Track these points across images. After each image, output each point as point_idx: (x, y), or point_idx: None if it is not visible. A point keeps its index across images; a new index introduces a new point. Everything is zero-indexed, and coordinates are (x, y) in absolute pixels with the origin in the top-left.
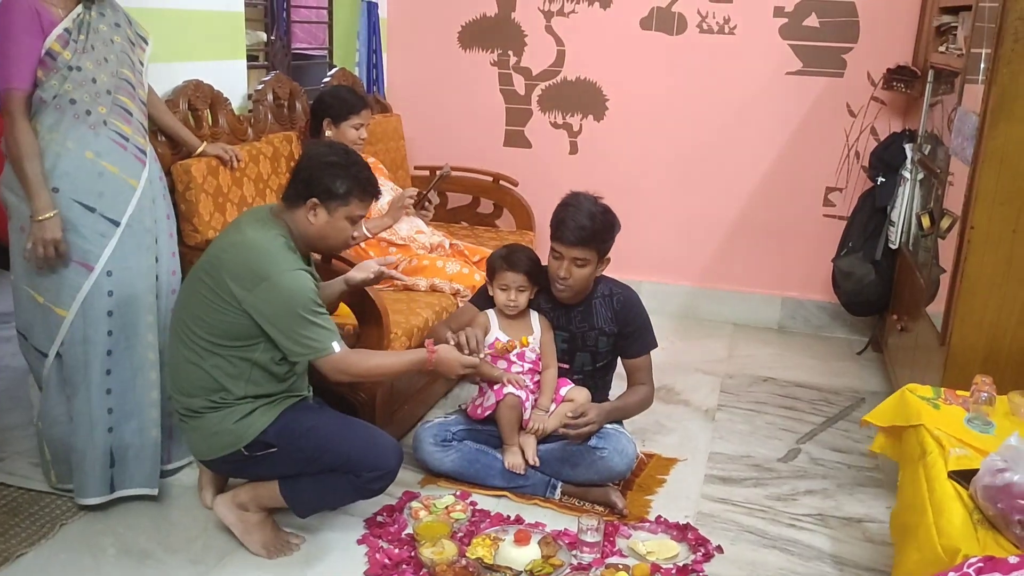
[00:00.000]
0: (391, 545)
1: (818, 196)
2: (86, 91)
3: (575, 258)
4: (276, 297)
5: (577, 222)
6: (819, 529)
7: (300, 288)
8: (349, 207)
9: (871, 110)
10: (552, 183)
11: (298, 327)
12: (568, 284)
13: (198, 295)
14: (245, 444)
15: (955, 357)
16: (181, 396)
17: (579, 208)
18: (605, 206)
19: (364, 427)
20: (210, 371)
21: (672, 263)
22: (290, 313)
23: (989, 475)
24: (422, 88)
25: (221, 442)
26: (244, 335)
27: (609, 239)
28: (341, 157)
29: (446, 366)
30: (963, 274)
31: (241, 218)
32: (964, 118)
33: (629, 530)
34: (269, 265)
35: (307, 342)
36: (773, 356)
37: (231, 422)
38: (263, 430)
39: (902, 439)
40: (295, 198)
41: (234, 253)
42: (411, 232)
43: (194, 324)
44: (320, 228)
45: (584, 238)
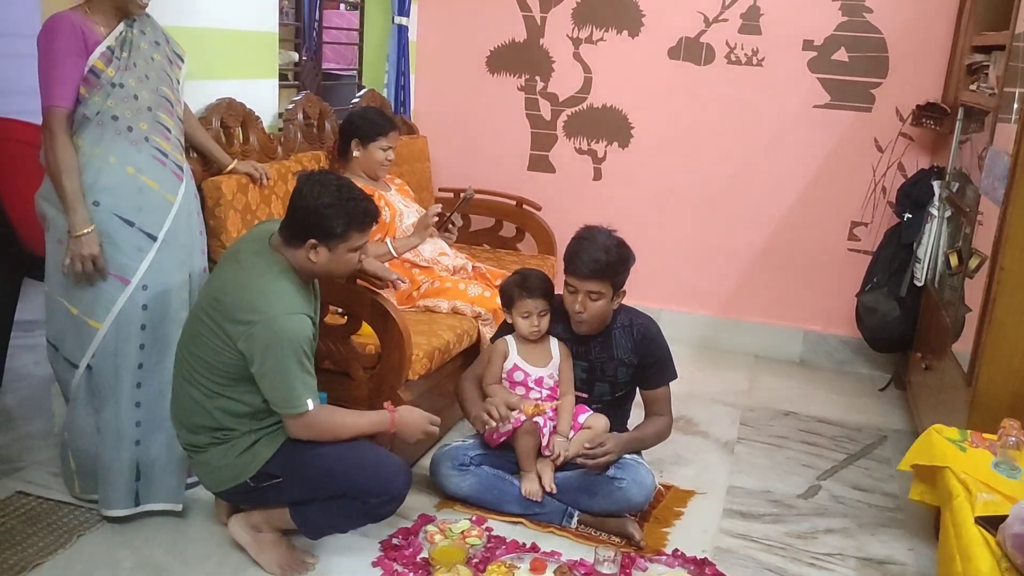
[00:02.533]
0: (406, 568)
1: (843, 230)
2: (128, 107)
3: (589, 291)
4: (267, 338)
5: (591, 255)
6: (840, 569)
7: (295, 334)
8: (349, 241)
9: (899, 146)
10: (575, 208)
11: (282, 374)
12: (583, 318)
13: (200, 336)
14: (250, 476)
15: (981, 398)
16: (185, 432)
17: (593, 241)
18: (619, 239)
19: (369, 451)
20: (213, 412)
21: (693, 292)
22: (278, 357)
23: (1018, 523)
24: (449, 111)
25: (226, 475)
26: (247, 376)
27: (624, 272)
28: (333, 196)
29: (409, 428)
30: (992, 316)
31: (240, 249)
32: (996, 158)
33: (646, 563)
34: (266, 306)
35: (286, 393)
36: (794, 390)
37: (234, 456)
38: (267, 461)
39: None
40: (293, 238)
41: (233, 294)
42: (435, 254)
43: (197, 364)
44: (324, 265)
45: (597, 271)
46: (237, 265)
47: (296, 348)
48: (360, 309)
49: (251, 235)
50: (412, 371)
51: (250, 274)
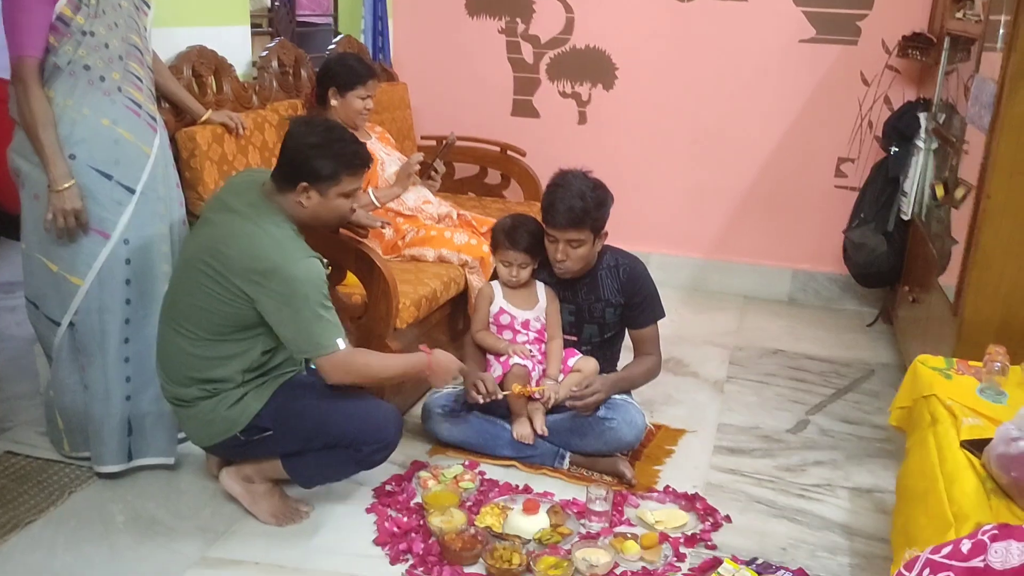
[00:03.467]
0: (400, 514)
1: (830, 167)
2: (99, 56)
3: (569, 240)
4: (287, 288)
5: (567, 204)
6: (828, 499)
7: (312, 278)
8: (340, 185)
9: (885, 79)
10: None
11: (306, 321)
12: (566, 266)
13: (198, 284)
14: (240, 430)
15: (968, 328)
16: (172, 385)
17: (568, 188)
18: (595, 181)
19: (360, 400)
20: (203, 363)
21: (682, 235)
22: (300, 305)
23: (1003, 444)
24: (429, 56)
25: (216, 430)
26: (251, 324)
27: (602, 215)
28: (323, 136)
29: (442, 370)
30: (978, 244)
31: (230, 200)
32: (982, 85)
33: (637, 500)
34: (278, 255)
35: (314, 338)
36: (783, 328)
37: (223, 409)
38: (257, 413)
39: (912, 408)
40: (284, 182)
41: (239, 247)
42: (418, 203)
43: (194, 313)
44: (314, 209)
45: (575, 220)
46: (235, 215)
47: (317, 290)
48: (344, 259)
49: (238, 184)
50: (400, 320)
51: (255, 224)
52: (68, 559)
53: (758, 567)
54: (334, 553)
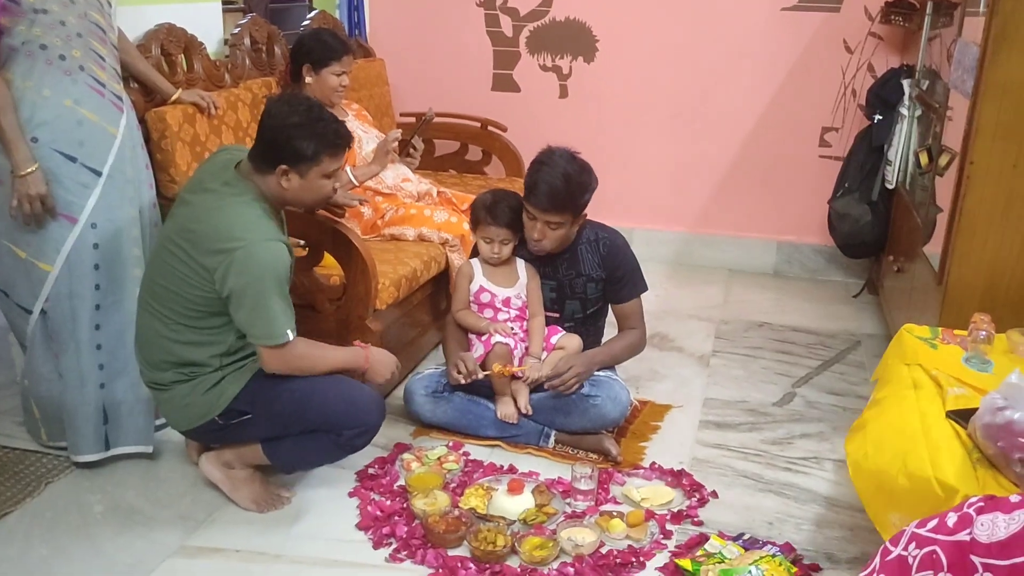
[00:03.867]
0: (383, 497)
1: (814, 136)
2: (56, 35)
3: (548, 221)
4: (247, 269)
5: (550, 185)
6: (815, 472)
7: (274, 263)
8: (321, 166)
9: (868, 46)
10: (542, 128)
11: (261, 306)
12: (542, 246)
13: (169, 267)
14: (218, 413)
15: (952, 296)
16: (150, 369)
17: (553, 169)
18: (582, 164)
19: (341, 383)
20: (180, 347)
21: (666, 208)
22: (257, 288)
23: (989, 414)
24: (406, 31)
25: (193, 413)
26: (221, 310)
27: (584, 199)
28: (303, 115)
29: (379, 366)
30: (962, 211)
31: (205, 179)
32: (964, 49)
33: (623, 477)
34: (244, 232)
35: (266, 325)
36: (769, 301)
37: (200, 393)
38: (235, 397)
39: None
40: (263, 163)
41: (207, 224)
42: (397, 181)
43: (166, 297)
44: (295, 192)
45: (557, 203)
46: (208, 194)
47: (276, 276)
48: (321, 240)
49: (214, 163)
50: (379, 300)
51: (224, 201)
52: (45, 551)
53: (745, 543)
54: (316, 538)
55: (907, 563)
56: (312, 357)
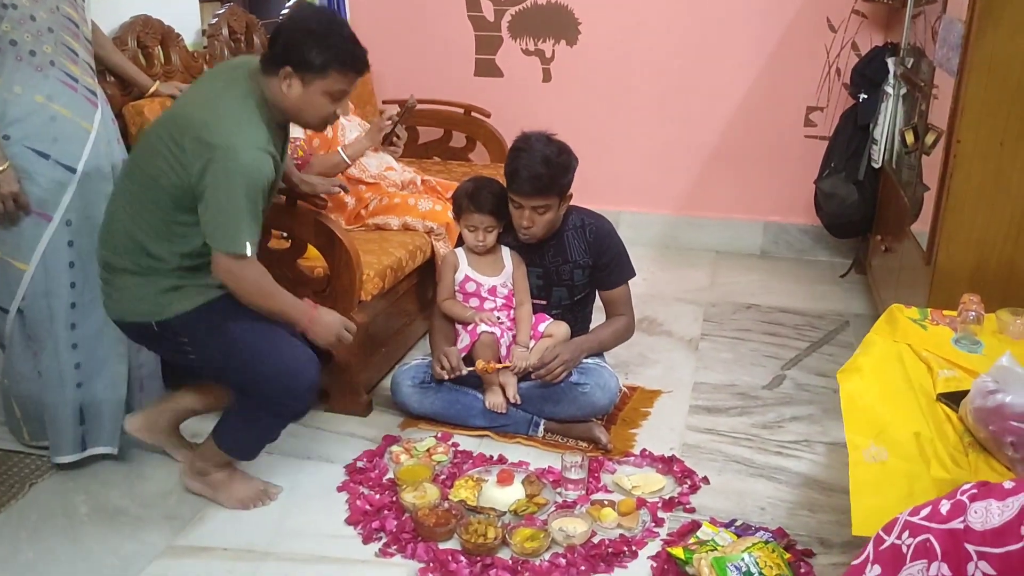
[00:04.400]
0: (372, 491)
1: (799, 116)
2: (26, 30)
3: (535, 207)
4: (227, 169)
5: (532, 170)
6: (806, 455)
7: (255, 171)
8: (327, 81)
9: (852, 24)
10: (526, 113)
11: (229, 211)
12: (532, 232)
13: (152, 152)
14: (157, 320)
15: (941, 276)
16: (109, 251)
17: (532, 153)
18: (560, 145)
19: (280, 347)
20: (149, 236)
21: (651, 191)
22: (230, 190)
23: (980, 397)
24: (387, 18)
25: (135, 308)
26: (186, 209)
27: (567, 180)
28: (323, 24)
29: (324, 327)
30: (949, 190)
31: (217, 71)
32: (949, 26)
33: (614, 465)
34: (233, 132)
35: (228, 230)
36: (756, 282)
37: (151, 292)
38: (179, 314)
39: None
40: (270, 64)
41: (200, 110)
42: (381, 170)
43: (144, 183)
44: (295, 101)
45: (541, 187)
46: (209, 84)
47: (253, 187)
48: (303, 231)
49: (230, 63)
50: (364, 292)
51: (222, 96)
52: (31, 555)
53: (737, 529)
54: (305, 535)
55: (901, 552)
56: (261, 287)
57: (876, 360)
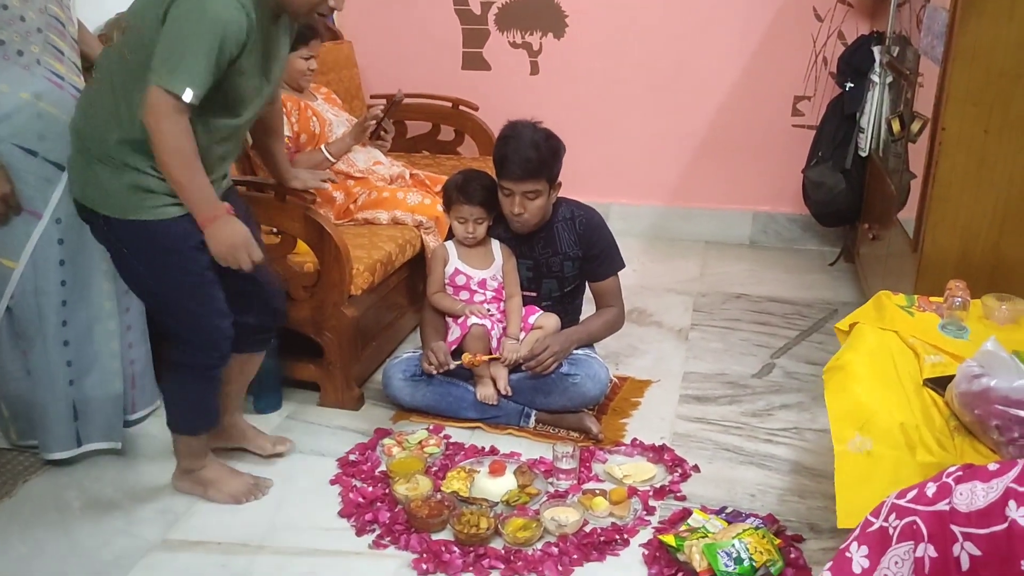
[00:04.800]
0: (364, 484)
1: (786, 106)
2: (15, 30)
3: (526, 192)
4: (197, 8)
5: (521, 155)
6: (795, 443)
7: (228, 19)
8: None
9: (838, 13)
10: (514, 106)
11: (186, 48)
12: (524, 219)
13: (138, 34)
14: (109, 214)
15: (928, 263)
16: (78, 139)
17: (520, 139)
18: (547, 131)
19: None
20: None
21: (641, 183)
22: (190, 27)
23: (965, 381)
24: (374, 12)
25: (94, 194)
26: None
27: (556, 164)
28: None
29: (221, 237)
30: (934, 178)
31: None
32: (934, 15)
33: (605, 454)
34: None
35: (173, 66)
36: (745, 272)
37: (115, 184)
38: (132, 221)
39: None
40: None
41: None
42: (369, 164)
43: (133, 68)
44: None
45: (531, 171)
46: None
47: (213, 31)
48: (292, 227)
49: None
50: (354, 286)
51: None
52: (24, 549)
53: (727, 516)
54: (298, 528)
55: (888, 534)
56: (181, 149)
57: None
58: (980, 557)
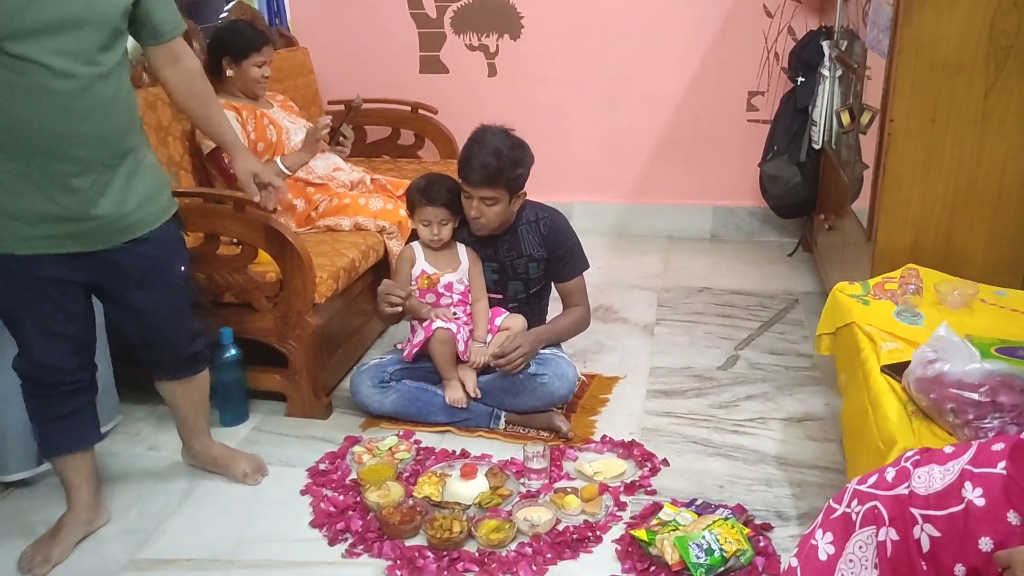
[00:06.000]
0: (335, 492)
1: (741, 101)
2: None
3: (483, 197)
4: None
5: (481, 161)
6: (762, 432)
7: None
8: None
9: (787, 9)
10: (473, 108)
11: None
12: (481, 224)
13: None
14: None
15: (882, 251)
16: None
17: (484, 145)
18: (515, 140)
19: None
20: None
21: (602, 181)
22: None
23: (920, 367)
24: (328, 18)
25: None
26: None
27: (518, 175)
28: None
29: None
30: (885, 168)
31: None
32: (879, 9)
33: (575, 452)
34: None
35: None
36: (707, 266)
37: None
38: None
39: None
40: None
41: None
42: (329, 170)
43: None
44: None
45: (488, 177)
46: None
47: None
48: (253, 237)
49: None
50: (318, 294)
51: None
52: None
53: (698, 508)
54: (270, 540)
55: (851, 519)
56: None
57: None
58: (940, 538)
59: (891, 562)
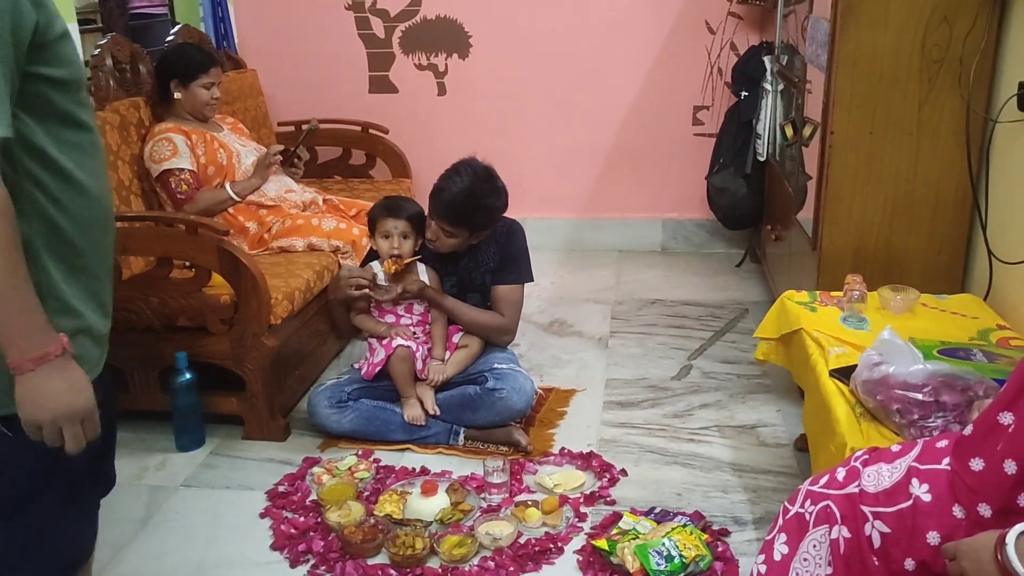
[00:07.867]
0: (296, 514)
1: (687, 116)
2: None
3: (442, 227)
4: None
5: (452, 195)
6: (716, 440)
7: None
8: None
9: (729, 25)
10: (423, 127)
11: None
12: (435, 246)
13: None
14: None
15: (827, 260)
16: None
17: (461, 180)
18: (494, 187)
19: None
20: None
21: (553, 196)
22: None
23: (867, 370)
24: (276, 39)
25: None
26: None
27: (483, 221)
28: None
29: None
30: (827, 179)
31: None
32: (816, 25)
33: (535, 466)
34: None
35: None
36: (659, 278)
37: None
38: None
39: (790, 346)
40: None
41: None
42: (281, 192)
43: None
44: None
45: (453, 217)
46: None
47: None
48: (206, 260)
49: None
50: (274, 315)
51: None
52: None
53: (656, 516)
54: (230, 565)
55: (805, 519)
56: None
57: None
58: (890, 534)
59: (844, 559)
